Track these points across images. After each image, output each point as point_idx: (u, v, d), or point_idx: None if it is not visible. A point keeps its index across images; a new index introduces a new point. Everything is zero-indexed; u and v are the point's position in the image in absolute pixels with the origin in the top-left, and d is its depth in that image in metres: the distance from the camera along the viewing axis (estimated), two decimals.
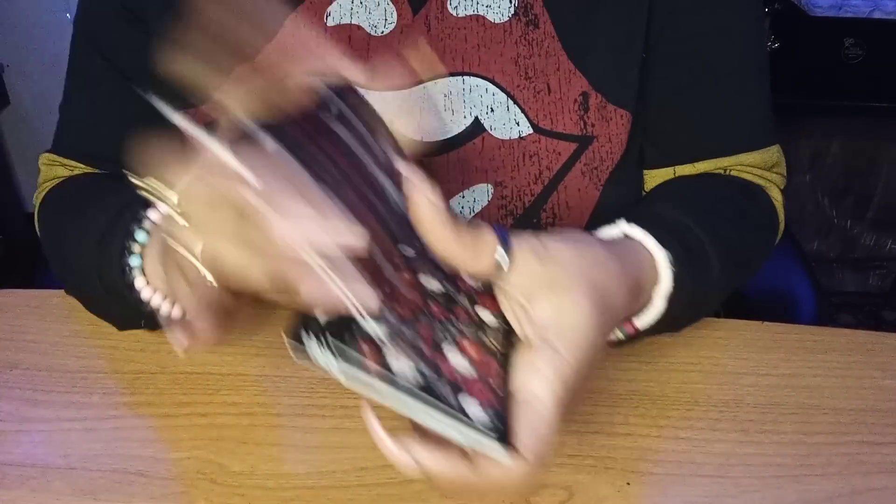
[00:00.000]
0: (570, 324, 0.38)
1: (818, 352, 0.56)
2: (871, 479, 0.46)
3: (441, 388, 0.36)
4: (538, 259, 0.38)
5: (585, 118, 0.59)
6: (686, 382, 0.53)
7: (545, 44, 0.59)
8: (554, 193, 0.58)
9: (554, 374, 0.37)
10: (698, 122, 0.63)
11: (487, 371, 0.38)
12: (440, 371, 0.36)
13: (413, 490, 0.45)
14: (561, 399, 0.37)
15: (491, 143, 0.58)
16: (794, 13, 1.42)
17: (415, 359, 0.36)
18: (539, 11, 0.59)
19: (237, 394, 0.51)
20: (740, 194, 0.62)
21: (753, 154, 0.63)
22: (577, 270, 0.39)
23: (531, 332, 0.38)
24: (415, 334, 0.38)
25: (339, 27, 0.59)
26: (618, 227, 0.48)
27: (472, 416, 0.35)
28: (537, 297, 0.38)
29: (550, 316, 0.38)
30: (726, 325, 0.57)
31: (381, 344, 0.36)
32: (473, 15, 0.59)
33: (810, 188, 1.67)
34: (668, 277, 0.47)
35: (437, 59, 0.53)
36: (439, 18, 0.59)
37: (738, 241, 0.56)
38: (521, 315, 0.39)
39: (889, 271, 1.77)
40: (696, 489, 0.45)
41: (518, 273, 0.38)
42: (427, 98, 0.59)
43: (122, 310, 0.53)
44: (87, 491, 0.44)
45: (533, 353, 0.37)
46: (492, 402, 0.37)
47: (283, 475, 0.45)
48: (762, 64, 0.64)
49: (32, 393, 0.51)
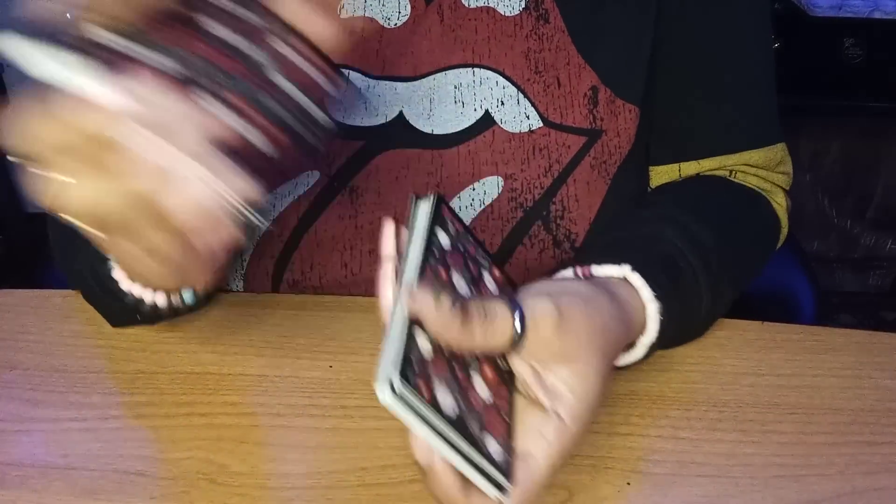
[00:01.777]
0: (581, 396, 0.40)
1: (818, 352, 0.56)
2: (871, 478, 0.46)
3: (471, 423, 0.37)
4: (554, 331, 0.40)
5: (595, 112, 0.59)
6: (686, 382, 0.53)
7: (555, 38, 0.59)
8: (563, 186, 0.59)
9: (557, 444, 0.40)
10: (704, 119, 0.63)
11: (500, 397, 0.40)
12: (470, 403, 0.37)
13: (413, 490, 0.45)
14: (556, 465, 0.40)
15: (501, 136, 0.59)
16: (794, 13, 1.42)
17: (454, 388, 0.37)
18: (549, 6, 0.60)
19: (237, 394, 0.51)
20: (742, 207, 0.63)
21: (758, 152, 0.63)
22: (589, 340, 0.41)
23: (542, 396, 0.40)
24: (453, 357, 0.38)
25: (352, 19, 0.59)
26: (621, 269, 0.49)
27: (493, 453, 0.37)
28: (551, 365, 0.40)
29: (562, 386, 0.40)
30: (726, 325, 0.57)
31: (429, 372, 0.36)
32: (485, 7, 0.60)
33: (810, 188, 1.67)
34: (655, 330, 0.49)
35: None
36: (452, 9, 0.60)
37: (733, 262, 0.56)
38: (532, 380, 0.41)
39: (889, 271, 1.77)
40: (696, 489, 0.45)
41: (536, 345, 0.40)
42: (437, 89, 0.59)
43: (114, 304, 0.53)
44: (87, 491, 0.44)
45: (540, 417, 0.40)
46: (504, 435, 0.39)
47: (283, 475, 0.45)
48: (768, 61, 0.64)
49: (32, 393, 0.51)
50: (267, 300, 0.59)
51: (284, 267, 0.60)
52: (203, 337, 0.55)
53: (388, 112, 0.59)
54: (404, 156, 0.59)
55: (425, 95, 0.59)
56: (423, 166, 0.59)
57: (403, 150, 0.59)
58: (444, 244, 0.42)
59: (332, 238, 0.59)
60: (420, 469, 0.39)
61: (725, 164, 0.63)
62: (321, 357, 0.54)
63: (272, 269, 0.60)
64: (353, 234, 0.59)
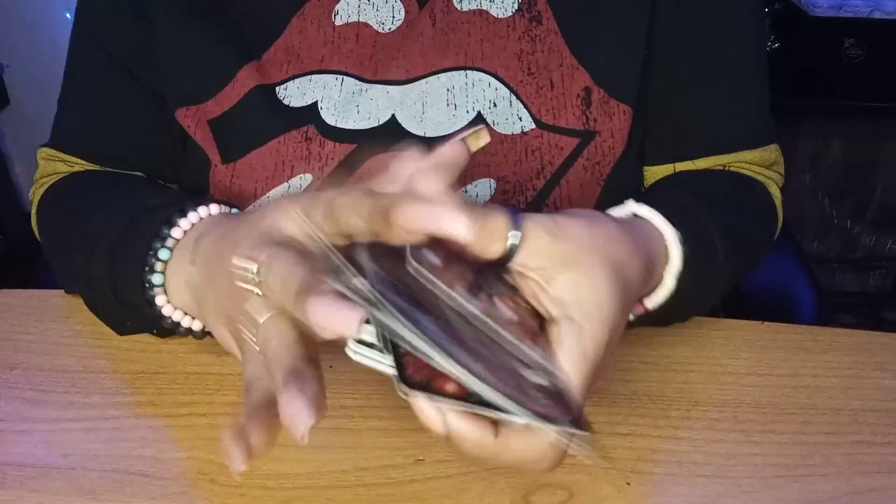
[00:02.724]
0: (589, 297, 0.38)
1: (818, 352, 0.56)
2: (871, 478, 0.46)
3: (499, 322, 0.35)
4: (551, 236, 0.38)
5: (588, 113, 0.59)
6: (686, 382, 0.53)
7: (548, 39, 0.59)
8: (556, 188, 0.58)
9: (578, 346, 0.37)
10: (699, 120, 0.63)
11: (526, 323, 0.38)
12: (495, 316, 0.35)
13: (413, 490, 0.45)
14: (586, 371, 0.37)
15: (493, 137, 0.58)
16: (794, 13, 1.42)
17: (470, 299, 0.35)
18: (542, 8, 0.60)
19: (237, 394, 0.51)
20: (740, 187, 0.63)
21: (753, 152, 0.63)
22: (590, 245, 0.39)
23: (552, 309, 0.38)
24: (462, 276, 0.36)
25: (346, 26, 0.60)
26: (626, 206, 0.48)
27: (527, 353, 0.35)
28: (554, 274, 0.38)
29: (569, 291, 0.38)
30: (726, 325, 0.57)
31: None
32: (477, 9, 0.60)
33: (810, 188, 1.67)
34: (678, 256, 0.47)
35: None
36: (445, 12, 0.59)
37: (741, 229, 0.56)
38: (539, 294, 0.39)
39: (889, 271, 1.77)
40: (696, 489, 0.45)
41: (532, 252, 0.38)
42: (430, 92, 0.59)
43: (135, 321, 0.52)
44: (87, 491, 0.44)
45: (555, 328, 0.38)
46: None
47: (283, 475, 0.45)
48: (762, 63, 0.64)
49: (32, 393, 0.51)
50: None
51: None
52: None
53: (381, 115, 0.59)
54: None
55: (418, 99, 0.59)
56: None
57: (395, 153, 0.59)
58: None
59: None
60: (444, 442, 0.35)
61: (720, 162, 0.63)
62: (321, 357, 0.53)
63: None
64: None
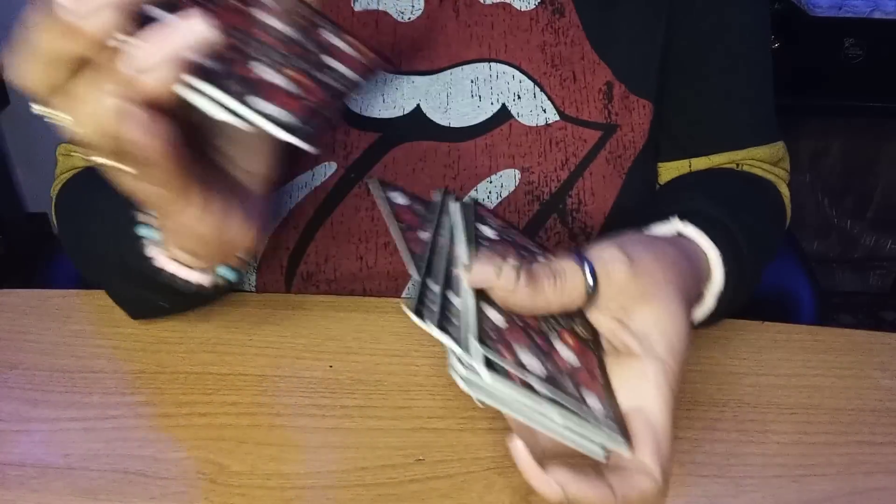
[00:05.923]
0: (670, 330, 0.39)
1: (818, 352, 0.56)
2: (871, 479, 0.46)
3: (563, 380, 0.35)
4: (627, 273, 0.39)
5: (609, 107, 0.60)
6: (686, 382, 0.52)
7: (570, 33, 0.60)
8: (579, 180, 0.59)
9: (665, 384, 0.38)
10: (715, 116, 0.64)
11: (587, 361, 0.38)
12: (558, 366, 0.35)
13: (413, 490, 0.45)
14: (672, 408, 0.38)
15: (518, 129, 0.59)
16: (794, 13, 1.42)
17: (537, 353, 0.35)
18: (565, 1, 0.60)
19: (237, 394, 0.51)
20: (756, 189, 0.63)
21: (763, 148, 0.64)
22: (663, 277, 0.40)
23: (632, 343, 0.39)
24: (527, 327, 0.37)
25: (365, 12, 0.60)
26: (671, 224, 0.49)
27: (592, 408, 0.35)
28: (633, 310, 0.39)
29: (650, 326, 0.39)
30: (726, 325, 0.57)
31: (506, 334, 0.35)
32: (500, 3, 0.60)
33: (810, 188, 1.67)
34: (721, 276, 0.48)
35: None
36: (467, 5, 0.60)
37: (762, 237, 0.57)
38: (618, 329, 0.39)
39: (889, 271, 1.77)
40: (696, 489, 0.45)
41: (612, 292, 0.38)
42: (454, 83, 0.59)
43: (143, 293, 0.53)
44: (87, 491, 0.44)
45: (637, 366, 0.38)
46: (600, 393, 0.37)
47: (283, 475, 0.45)
48: (769, 61, 0.65)
49: (32, 393, 0.51)
50: (267, 300, 0.59)
51: (299, 259, 0.60)
52: (203, 337, 0.55)
53: (406, 105, 0.59)
54: (421, 148, 0.59)
55: (442, 89, 0.60)
56: (439, 159, 0.59)
57: (420, 143, 0.59)
58: (489, 235, 0.42)
59: (348, 230, 0.59)
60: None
61: (734, 158, 0.64)
62: (321, 357, 0.54)
63: (286, 262, 0.60)
64: (369, 227, 0.59)
